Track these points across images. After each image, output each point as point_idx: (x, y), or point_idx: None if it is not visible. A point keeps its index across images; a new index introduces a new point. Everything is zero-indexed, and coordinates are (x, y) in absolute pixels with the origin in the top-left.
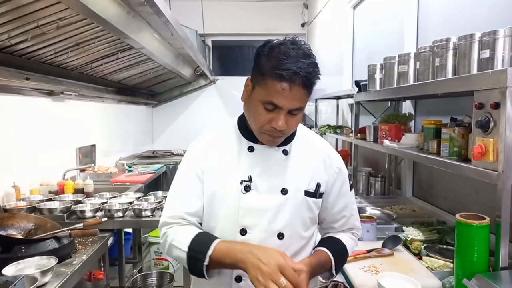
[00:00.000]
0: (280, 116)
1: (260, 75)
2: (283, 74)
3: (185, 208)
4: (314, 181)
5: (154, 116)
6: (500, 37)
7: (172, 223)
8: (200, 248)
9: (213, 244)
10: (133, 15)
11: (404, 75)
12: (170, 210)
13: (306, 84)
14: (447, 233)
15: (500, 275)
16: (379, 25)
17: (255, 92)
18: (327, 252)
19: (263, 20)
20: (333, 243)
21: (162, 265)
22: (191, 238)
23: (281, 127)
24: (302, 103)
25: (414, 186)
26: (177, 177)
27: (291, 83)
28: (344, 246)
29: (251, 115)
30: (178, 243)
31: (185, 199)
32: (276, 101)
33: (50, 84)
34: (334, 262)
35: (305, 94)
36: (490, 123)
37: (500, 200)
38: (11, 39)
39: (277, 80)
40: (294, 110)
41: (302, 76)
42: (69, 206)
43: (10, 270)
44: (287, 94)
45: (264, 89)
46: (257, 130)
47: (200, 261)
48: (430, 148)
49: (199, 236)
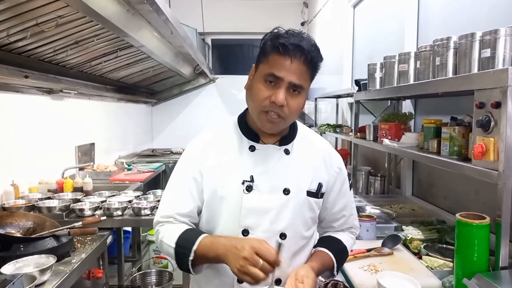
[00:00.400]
0: (281, 89)
1: (263, 55)
2: (285, 44)
3: (177, 208)
4: (316, 181)
5: (153, 114)
6: (501, 36)
7: (163, 221)
8: (186, 243)
9: (198, 239)
10: (132, 13)
11: (404, 74)
12: (162, 210)
13: (307, 59)
14: (447, 233)
15: (500, 274)
16: (379, 24)
17: (257, 72)
18: (329, 253)
19: (263, 18)
20: (334, 243)
21: (161, 264)
22: (178, 234)
23: (281, 101)
24: (303, 81)
25: (413, 186)
26: (173, 177)
27: (292, 55)
28: (345, 246)
29: (252, 95)
30: (167, 239)
31: (177, 200)
32: (276, 71)
33: (49, 82)
34: (335, 262)
35: (306, 72)
36: (490, 122)
37: (500, 200)
38: (10, 36)
39: (278, 52)
40: (294, 86)
41: (304, 50)
42: (68, 204)
43: (9, 269)
44: (288, 66)
45: (266, 64)
46: (257, 110)
47: (186, 256)
48: (430, 148)
49: (186, 232)
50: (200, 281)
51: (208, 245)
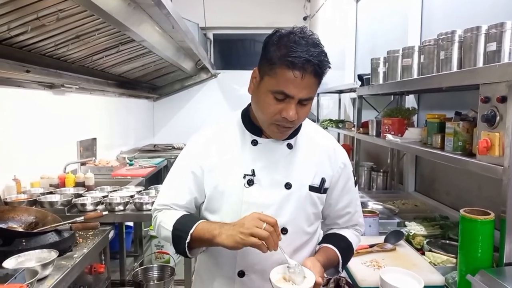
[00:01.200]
0: (291, 106)
1: (269, 65)
2: (295, 61)
3: (173, 199)
4: (319, 176)
5: (155, 109)
6: (507, 30)
7: (161, 209)
8: (184, 227)
9: (196, 223)
10: (133, 7)
11: (408, 68)
12: (160, 199)
13: (317, 72)
14: (450, 228)
15: (505, 271)
16: (382, 18)
17: (264, 83)
18: (335, 250)
19: (265, 13)
20: (340, 240)
21: (163, 259)
22: (176, 219)
23: (292, 117)
24: (312, 92)
25: (416, 181)
26: (172, 170)
27: (303, 71)
28: (350, 243)
29: (260, 107)
30: (165, 223)
31: (174, 191)
32: (287, 90)
33: (50, 77)
34: (341, 259)
35: (315, 83)
36: (496, 117)
37: (505, 195)
38: (10, 30)
39: (288, 68)
40: (304, 100)
41: (314, 64)
42: (70, 199)
43: (11, 263)
44: (299, 82)
45: (274, 79)
46: (267, 122)
47: (183, 239)
48: (434, 143)
49: (184, 217)
50: (202, 274)
51: (205, 228)
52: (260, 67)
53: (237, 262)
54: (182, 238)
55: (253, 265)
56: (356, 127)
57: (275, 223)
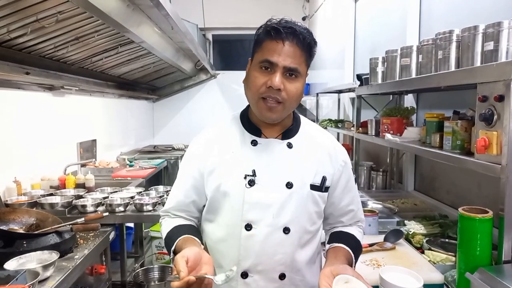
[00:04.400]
0: (276, 74)
1: (257, 45)
2: (276, 27)
3: (172, 204)
4: (320, 175)
5: (155, 110)
6: (504, 29)
7: (163, 215)
8: (170, 241)
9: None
10: (133, 9)
11: (406, 68)
12: (165, 205)
13: (300, 41)
14: (449, 227)
15: (503, 268)
16: (381, 17)
17: (253, 62)
18: (349, 250)
19: (264, 13)
20: (350, 239)
21: (164, 259)
22: (168, 230)
23: (277, 85)
24: (298, 64)
25: (416, 180)
26: (178, 174)
27: (284, 38)
28: (359, 241)
29: (249, 85)
30: (163, 233)
31: (174, 196)
32: (270, 57)
33: (50, 78)
34: (354, 259)
35: (301, 55)
36: (494, 116)
37: (503, 194)
38: (10, 33)
39: (271, 37)
40: (289, 70)
41: (296, 32)
42: (71, 200)
43: (12, 265)
44: (281, 49)
45: (259, 52)
46: (255, 97)
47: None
48: (433, 142)
49: (172, 230)
50: None
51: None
52: (252, 53)
53: (239, 264)
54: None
55: (256, 266)
56: (356, 127)
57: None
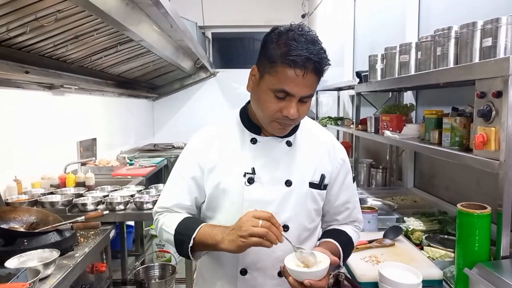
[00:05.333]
0: (292, 104)
1: (269, 63)
2: (296, 60)
3: (174, 201)
4: (319, 173)
5: (154, 109)
6: (502, 25)
7: (161, 211)
8: (186, 231)
9: (198, 227)
10: (132, 7)
11: (405, 65)
12: (160, 201)
13: (317, 70)
14: (448, 223)
15: (501, 264)
16: (380, 15)
17: (264, 81)
18: (335, 243)
19: (264, 11)
20: (340, 235)
21: (165, 258)
22: (178, 222)
23: (294, 116)
24: (313, 90)
25: (415, 177)
26: (174, 170)
27: (304, 69)
28: (350, 237)
29: (260, 105)
30: (167, 227)
31: (175, 193)
32: (288, 88)
33: (50, 77)
34: (342, 252)
35: (316, 81)
36: (492, 112)
37: (501, 190)
38: (9, 31)
39: (290, 67)
40: (305, 97)
41: (315, 61)
42: (71, 199)
43: (13, 263)
44: (300, 81)
45: (274, 77)
46: (267, 119)
47: (185, 243)
48: (432, 139)
49: (186, 220)
50: (204, 272)
51: (207, 233)
52: (260, 65)
53: (239, 261)
54: (185, 242)
55: (255, 263)
56: (355, 124)
57: (270, 217)
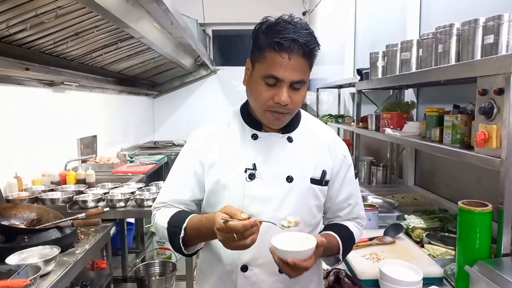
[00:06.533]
0: (283, 89)
1: (258, 51)
2: (281, 42)
3: (171, 196)
4: (320, 169)
5: (155, 106)
6: (504, 22)
7: (159, 207)
8: (177, 222)
9: (188, 217)
10: (132, 4)
11: (406, 62)
12: (160, 197)
13: (305, 52)
14: (449, 221)
15: (502, 261)
16: (381, 12)
17: (255, 70)
18: (336, 236)
19: (264, 8)
20: (341, 229)
21: (165, 255)
22: (171, 215)
23: (285, 101)
24: (303, 75)
25: (416, 175)
26: (174, 167)
27: (290, 52)
28: (351, 232)
29: (253, 95)
30: (161, 221)
31: (173, 188)
32: (276, 73)
33: (50, 74)
34: (341, 246)
35: (305, 65)
36: (493, 109)
37: (503, 187)
38: (9, 28)
39: (275, 50)
40: (296, 83)
41: (301, 43)
42: (71, 196)
43: (14, 259)
44: (287, 64)
45: (263, 64)
46: (260, 109)
47: (177, 234)
48: (433, 136)
49: (178, 213)
50: (204, 269)
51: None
52: (252, 57)
53: (240, 257)
54: (177, 234)
55: (256, 259)
56: (356, 122)
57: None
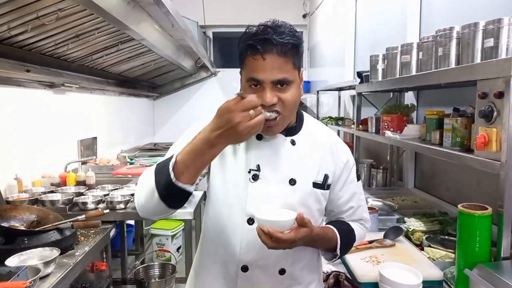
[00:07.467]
0: (265, 90)
1: (240, 59)
2: (254, 44)
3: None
4: (322, 173)
5: (155, 108)
6: (504, 26)
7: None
8: (165, 161)
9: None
10: (133, 6)
11: (406, 65)
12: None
13: (281, 51)
14: (449, 224)
15: (502, 265)
16: (381, 14)
17: (242, 78)
18: (333, 229)
19: (265, 11)
20: (341, 224)
21: (164, 257)
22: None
23: (269, 102)
24: (285, 73)
25: (416, 178)
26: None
27: (263, 52)
28: (352, 229)
29: None
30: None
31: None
32: (255, 75)
33: (50, 76)
34: (339, 240)
35: (286, 63)
36: (493, 112)
37: (503, 190)
38: (10, 30)
39: (250, 53)
40: (278, 82)
41: (273, 42)
42: (71, 198)
43: (14, 261)
44: (263, 65)
45: (245, 70)
46: None
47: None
48: (433, 139)
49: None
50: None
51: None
52: (240, 67)
53: (240, 258)
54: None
55: (257, 260)
56: (356, 124)
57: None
